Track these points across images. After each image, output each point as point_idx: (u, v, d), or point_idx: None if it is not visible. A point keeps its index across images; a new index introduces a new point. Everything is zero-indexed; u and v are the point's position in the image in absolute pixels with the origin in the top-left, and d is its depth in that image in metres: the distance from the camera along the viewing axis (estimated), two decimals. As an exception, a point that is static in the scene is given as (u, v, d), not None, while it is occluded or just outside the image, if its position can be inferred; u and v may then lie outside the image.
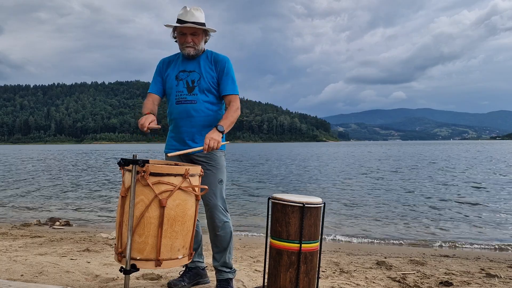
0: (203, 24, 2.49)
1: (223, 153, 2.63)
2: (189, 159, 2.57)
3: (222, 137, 2.36)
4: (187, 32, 2.48)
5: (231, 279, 2.62)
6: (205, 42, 2.60)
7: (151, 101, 2.61)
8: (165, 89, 2.65)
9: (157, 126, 2.37)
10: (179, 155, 2.55)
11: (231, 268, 2.63)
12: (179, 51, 2.62)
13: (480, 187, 11.64)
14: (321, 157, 35.22)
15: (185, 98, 2.52)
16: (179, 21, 2.47)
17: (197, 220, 2.37)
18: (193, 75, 2.55)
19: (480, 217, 7.23)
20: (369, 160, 28.16)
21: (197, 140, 2.53)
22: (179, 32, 2.52)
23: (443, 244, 5.47)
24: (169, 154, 2.40)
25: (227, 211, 2.61)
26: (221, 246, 2.59)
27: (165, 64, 2.68)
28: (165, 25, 2.54)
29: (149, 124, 2.33)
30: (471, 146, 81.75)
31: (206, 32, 2.56)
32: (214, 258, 2.63)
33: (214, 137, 2.29)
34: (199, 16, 2.47)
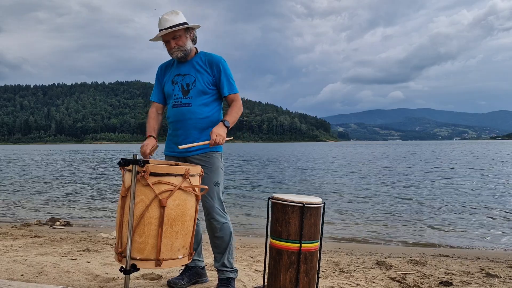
0: (180, 25, 2.44)
1: (220, 155, 2.62)
2: (185, 160, 2.58)
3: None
4: (167, 38, 2.47)
5: (232, 278, 2.62)
6: (193, 40, 2.57)
7: (155, 112, 2.68)
8: (165, 94, 2.67)
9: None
10: (176, 157, 2.59)
11: (232, 267, 2.63)
12: None
13: (480, 187, 11.64)
14: (321, 157, 35.20)
15: (180, 101, 2.53)
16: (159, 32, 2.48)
17: (197, 219, 2.37)
18: (187, 78, 2.54)
19: (480, 217, 7.23)
20: (370, 160, 28.16)
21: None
22: (163, 41, 2.53)
23: (443, 244, 5.47)
24: (180, 147, 2.41)
25: (226, 212, 2.59)
26: (220, 247, 2.58)
27: (163, 70, 2.71)
28: (150, 40, 2.55)
29: (150, 152, 2.45)
30: (484, 146, 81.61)
31: (188, 31, 2.51)
32: (214, 258, 2.64)
33: (220, 133, 2.35)
34: (173, 19, 2.43)
